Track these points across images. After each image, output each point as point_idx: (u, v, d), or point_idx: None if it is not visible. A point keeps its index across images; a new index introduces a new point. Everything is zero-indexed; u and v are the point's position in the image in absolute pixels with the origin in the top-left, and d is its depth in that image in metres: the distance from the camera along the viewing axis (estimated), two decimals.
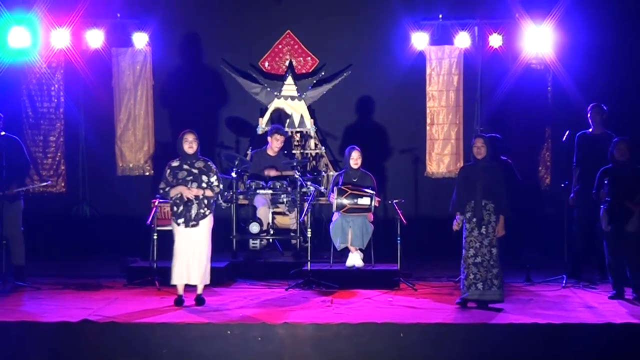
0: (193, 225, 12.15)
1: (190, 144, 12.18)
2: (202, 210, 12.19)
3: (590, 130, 14.13)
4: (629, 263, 12.58)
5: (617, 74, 15.92)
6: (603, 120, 14.09)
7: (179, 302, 12.17)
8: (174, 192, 12.15)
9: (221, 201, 13.21)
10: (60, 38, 16.11)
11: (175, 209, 12.20)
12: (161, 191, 12.58)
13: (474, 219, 12.00)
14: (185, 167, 12.22)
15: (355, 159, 14.10)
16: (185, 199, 12.12)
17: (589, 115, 14.20)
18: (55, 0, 15.89)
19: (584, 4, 15.99)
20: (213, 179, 12.27)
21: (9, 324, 11.20)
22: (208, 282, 12.45)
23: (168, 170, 12.26)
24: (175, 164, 12.26)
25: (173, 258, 12.25)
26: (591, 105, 14.26)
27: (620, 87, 15.63)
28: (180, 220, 12.14)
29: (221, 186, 12.61)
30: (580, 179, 13.95)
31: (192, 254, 12.21)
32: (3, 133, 13.56)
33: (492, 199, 12.00)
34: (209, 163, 12.45)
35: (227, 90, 17.52)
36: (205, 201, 12.23)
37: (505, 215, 12.12)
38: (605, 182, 12.57)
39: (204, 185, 12.19)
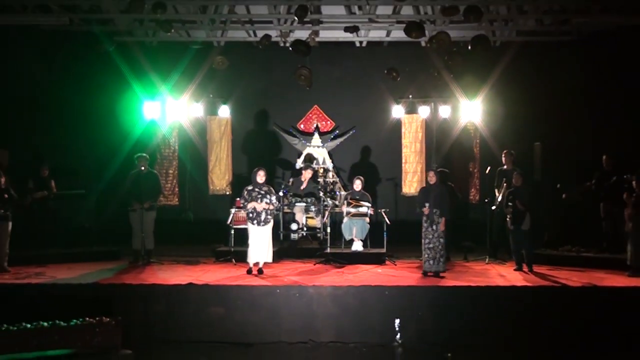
0: (262, 225, 12.49)
1: (260, 176, 12.56)
2: (268, 216, 12.52)
3: (505, 167, 14.11)
4: (524, 249, 12.87)
5: (520, 131, 15.70)
6: (512, 160, 14.12)
7: (249, 272, 12.45)
8: (249, 206, 12.44)
9: (276, 211, 13.33)
10: (176, 109, 16.19)
11: (251, 215, 12.46)
12: (241, 204, 12.96)
13: (428, 220, 12.38)
14: (257, 190, 12.52)
15: (357, 184, 14.37)
16: (257, 210, 12.49)
17: (503, 157, 14.27)
18: (173, 86, 16.15)
19: (499, 88, 15.94)
20: (273, 198, 12.58)
21: (146, 285, 11.61)
22: (271, 260, 12.66)
23: (245, 192, 12.56)
24: (250, 187, 12.56)
25: (249, 246, 12.53)
26: (504, 151, 14.35)
27: (521, 138, 15.43)
28: (255, 222, 12.46)
29: (277, 203, 12.93)
30: (498, 198, 13.73)
31: (260, 243, 12.46)
32: (148, 169, 13.84)
33: (438, 208, 12.33)
34: (270, 188, 12.72)
35: (278, 142, 17.41)
36: (268, 211, 12.53)
37: (446, 217, 12.41)
38: (510, 198, 12.87)
39: (267, 201, 12.48)
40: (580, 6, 14.09)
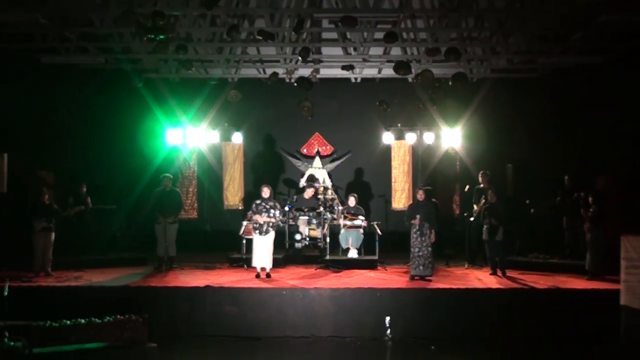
0: (264, 235, 12.47)
1: (265, 192, 12.61)
2: (269, 228, 12.50)
3: (481, 185, 14.13)
4: (498, 256, 12.87)
5: (494, 154, 15.76)
6: (487, 180, 14.14)
7: (257, 276, 12.46)
8: (253, 218, 12.51)
9: (281, 223, 13.26)
10: (196, 136, 16.14)
11: (255, 226, 12.51)
12: (249, 217, 13.02)
13: (418, 232, 12.36)
14: (263, 204, 12.55)
15: (352, 200, 14.44)
16: (260, 222, 12.50)
17: (480, 177, 14.30)
18: (193, 116, 16.11)
19: (476, 118, 15.92)
20: (277, 212, 12.57)
21: (169, 287, 11.68)
22: (270, 266, 12.59)
23: (254, 206, 12.61)
24: (258, 201, 12.60)
25: (253, 252, 12.57)
26: (481, 171, 14.39)
27: (496, 161, 15.45)
28: (257, 232, 12.48)
29: (280, 216, 12.83)
30: (476, 212, 13.78)
31: (262, 250, 12.47)
32: (171, 187, 13.93)
33: (427, 221, 12.34)
34: (276, 203, 12.76)
35: (284, 164, 17.39)
36: (271, 223, 12.50)
37: (435, 230, 12.45)
38: (486, 212, 12.90)
39: (271, 215, 12.48)
40: (544, 48, 14.17)
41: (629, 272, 10.30)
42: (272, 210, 12.58)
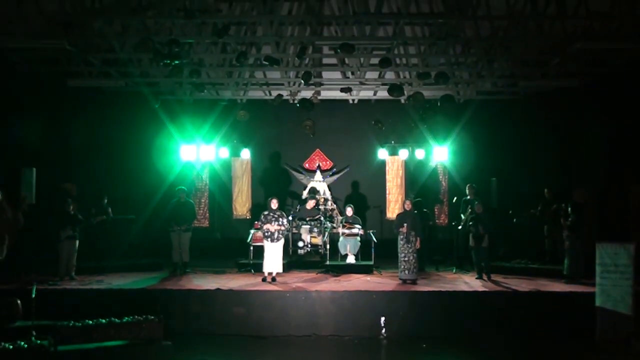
0: (275, 242, 12.49)
1: (273, 204, 12.63)
2: (279, 235, 12.52)
3: (468, 197, 14.15)
4: (483, 262, 12.82)
5: (480, 168, 15.81)
6: (474, 192, 14.18)
7: (264, 280, 12.42)
8: (265, 227, 12.47)
9: (286, 232, 13.16)
10: (207, 152, 16.18)
11: (266, 234, 12.47)
12: (259, 226, 12.93)
13: (405, 239, 12.37)
14: (271, 214, 12.56)
15: (349, 211, 14.38)
16: (271, 230, 12.52)
17: (467, 189, 14.34)
18: (205, 134, 16.14)
19: (463, 136, 16.02)
20: (284, 221, 12.58)
21: (183, 290, 11.63)
22: (281, 270, 12.60)
23: (262, 216, 12.60)
24: (266, 212, 12.61)
25: (264, 259, 12.51)
26: (468, 184, 14.44)
27: (481, 174, 15.43)
28: (269, 240, 12.47)
29: (287, 225, 12.83)
30: (463, 222, 13.80)
31: (273, 256, 12.45)
32: (185, 199, 13.83)
33: (414, 229, 12.34)
34: (282, 213, 12.74)
35: (288, 178, 17.35)
36: (280, 231, 12.52)
37: (421, 238, 12.48)
38: (472, 222, 12.87)
39: (278, 224, 12.49)
40: (525, 72, 14.25)
41: (603, 276, 10.29)
42: (280, 219, 12.59)
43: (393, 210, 16.62)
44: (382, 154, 16.79)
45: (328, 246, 14.14)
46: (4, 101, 13.27)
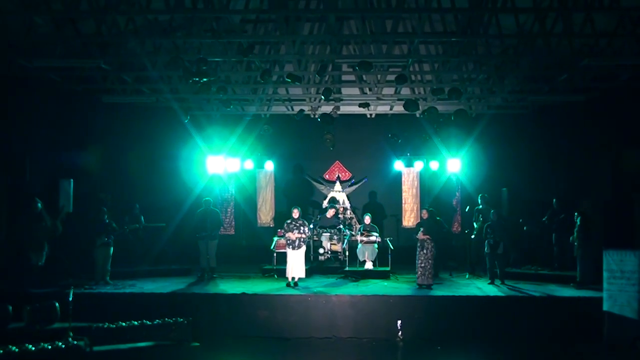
0: (296, 249, 12.53)
1: (295, 213, 12.67)
2: (301, 243, 12.57)
3: (480, 206, 14.18)
4: (497, 267, 12.79)
5: (491, 179, 15.77)
6: (485, 202, 14.20)
7: (287, 284, 12.44)
8: (287, 235, 12.53)
9: (307, 240, 13.12)
10: (233, 164, 16.13)
11: (288, 242, 12.53)
12: (282, 233, 12.98)
13: (420, 246, 12.40)
14: (293, 223, 12.61)
15: (367, 219, 14.34)
16: (292, 238, 12.56)
17: (479, 199, 14.38)
18: (231, 147, 16.05)
19: (475, 148, 15.81)
20: (306, 229, 12.61)
21: (210, 294, 11.77)
22: (304, 276, 12.63)
23: (285, 225, 12.66)
24: (288, 221, 12.66)
25: (287, 265, 12.55)
26: (480, 194, 14.50)
27: (492, 185, 15.46)
28: (291, 247, 12.53)
29: (309, 233, 12.89)
30: (476, 229, 13.88)
31: (296, 263, 12.50)
32: (212, 208, 13.89)
33: (430, 235, 12.39)
34: (304, 221, 12.78)
35: (309, 188, 17.27)
36: (302, 238, 12.55)
37: (435, 245, 12.48)
38: (489, 230, 12.86)
39: (301, 231, 12.53)
40: (534, 88, 14.17)
41: (610, 282, 10.23)
42: (302, 227, 12.61)
43: (409, 219, 16.48)
44: (398, 165, 16.66)
45: (347, 253, 14.16)
46: (45, 117, 13.47)
